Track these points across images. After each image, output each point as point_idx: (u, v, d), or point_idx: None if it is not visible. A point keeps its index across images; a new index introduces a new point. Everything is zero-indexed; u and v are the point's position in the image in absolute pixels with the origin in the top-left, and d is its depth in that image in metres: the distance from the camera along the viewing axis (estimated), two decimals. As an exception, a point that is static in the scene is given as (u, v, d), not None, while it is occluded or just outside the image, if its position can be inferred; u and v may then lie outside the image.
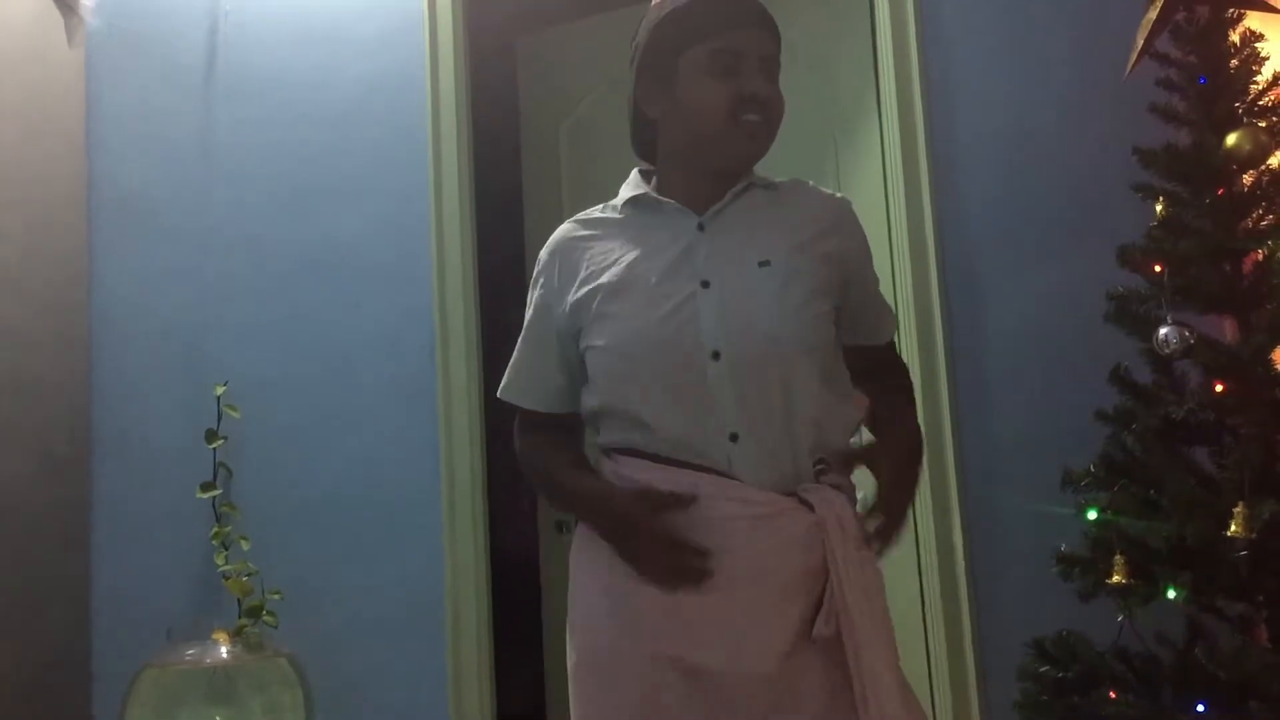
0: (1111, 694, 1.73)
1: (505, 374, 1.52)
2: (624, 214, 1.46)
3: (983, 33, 2.35)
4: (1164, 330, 1.76)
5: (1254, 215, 1.81)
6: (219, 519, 2.52)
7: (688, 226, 1.41)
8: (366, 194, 2.63)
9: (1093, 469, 1.85)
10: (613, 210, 1.48)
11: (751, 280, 1.36)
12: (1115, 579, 1.71)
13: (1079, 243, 2.21)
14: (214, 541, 2.49)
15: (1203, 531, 1.64)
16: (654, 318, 1.34)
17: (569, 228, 1.49)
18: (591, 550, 1.40)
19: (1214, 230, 1.81)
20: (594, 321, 1.38)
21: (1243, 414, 1.73)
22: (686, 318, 1.33)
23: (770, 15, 1.41)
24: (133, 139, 2.76)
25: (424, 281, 2.55)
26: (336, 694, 2.44)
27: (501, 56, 3.07)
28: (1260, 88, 1.85)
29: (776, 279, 1.36)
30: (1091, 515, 1.81)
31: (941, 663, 2.20)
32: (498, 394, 1.53)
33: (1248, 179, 1.82)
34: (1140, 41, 1.93)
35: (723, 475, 1.31)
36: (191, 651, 2.32)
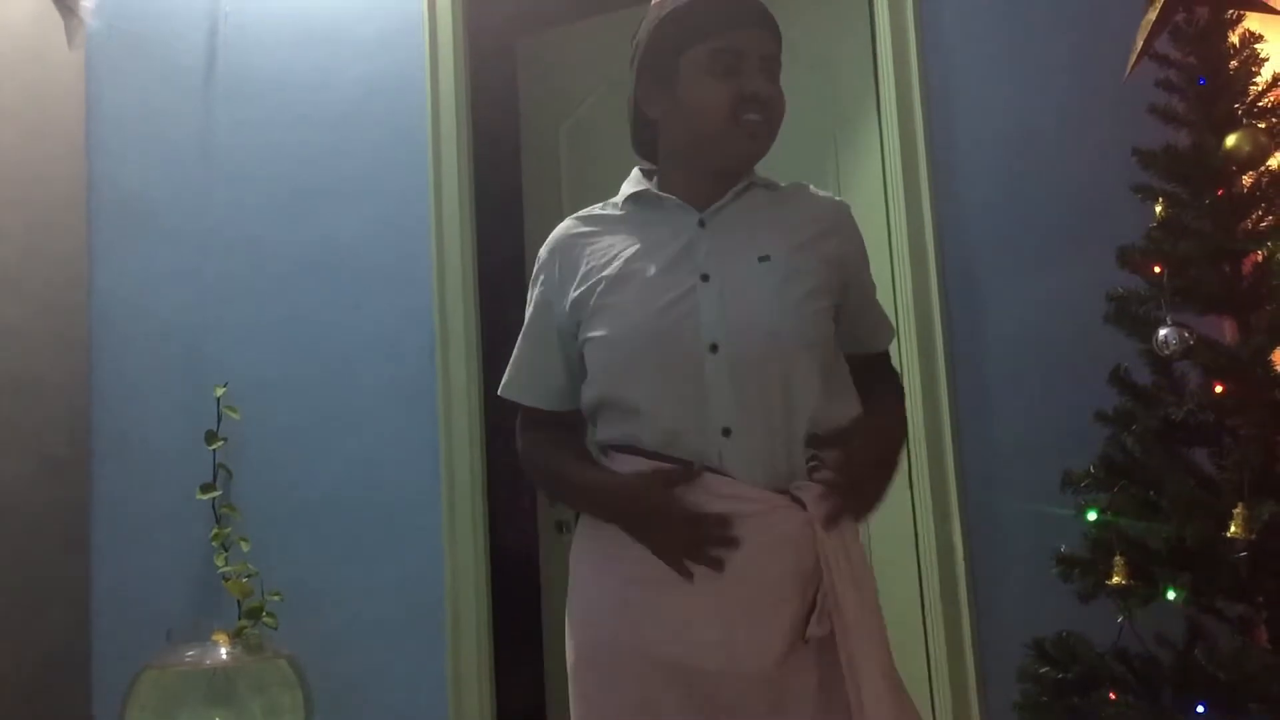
0: (1111, 695, 1.73)
1: (506, 372, 1.51)
2: (624, 210, 1.46)
3: (982, 35, 2.35)
4: (1163, 331, 1.76)
5: (1253, 216, 1.81)
6: (219, 520, 2.52)
7: (688, 223, 1.41)
8: (366, 195, 2.63)
9: (1092, 470, 1.84)
10: (613, 207, 1.48)
11: (752, 275, 1.36)
12: (1115, 580, 1.71)
13: (1078, 244, 2.21)
14: (214, 543, 2.49)
15: (1202, 532, 1.64)
16: (653, 309, 1.33)
17: (569, 225, 1.48)
18: (592, 550, 1.40)
19: (1213, 231, 1.81)
20: (594, 313, 1.37)
21: (1242, 415, 1.73)
22: (686, 310, 1.33)
23: (771, 15, 1.41)
24: (133, 140, 2.76)
25: (424, 283, 2.55)
26: (336, 695, 2.44)
27: (501, 58, 3.07)
28: (1260, 89, 1.85)
29: (777, 274, 1.36)
30: (1091, 516, 1.81)
31: (941, 664, 2.20)
32: (498, 392, 1.52)
33: (1247, 180, 1.82)
34: (1140, 42, 1.93)
35: (714, 471, 1.31)
36: (191, 653, 2.31)
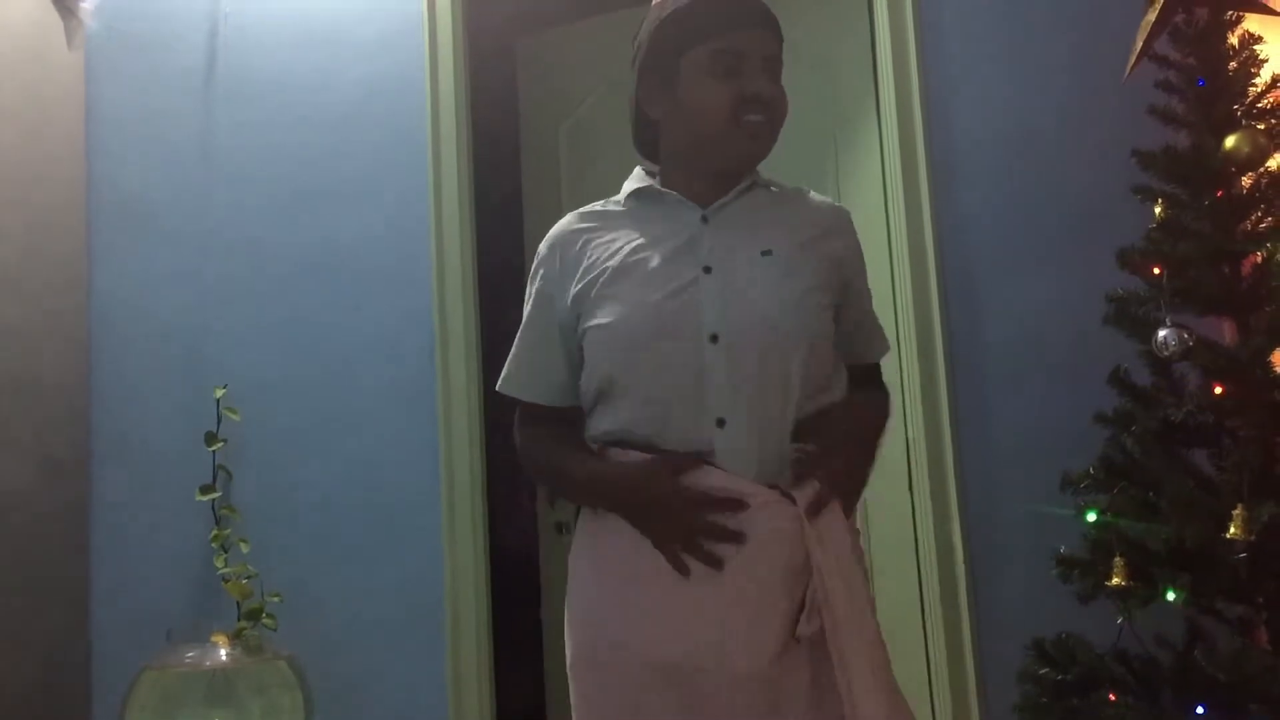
0: (1111, 696, 1.74)
1: (505, 367, 1.49)
2: (627, 206, 1.46)
3: (981, 36, 2.35)
4: (1163, 332, 1.76)
5: (1253, 217, 1.82)
6: (218, 521, 2.51)
7: (691, 219, 1.41)
8: (366, 196, 2.63)
9: (1092, 471, 1.85)
10: (615, 204, 1.47)
11: (754, 268, 1.36)
12: (1115, 581, 1.71)
13: (1078, 245, 2.21)
14: (213, 544, 2.49)
15: (1202, 533, 1.64)
16: (655, 299, 1.33)
17: (570, 220, 1.48)
18: (591, 549, 1.40)
19: (1213, 232, 1.81)
20: (595, 303, 1.37)
21: (1242, 416, 1.73)
22: (687, 300, 1.33)
23: (772, 15, 1.41)
24: (132, 141, 2.76)
25: (424, 283, 2.55)
26: (336, 696, 2.43)
27: (501, 58, 3.07)
28: (1259, 90, 1.86)
29: (780, 269, 1.36)
30: (1091, 517, 1.81)
31: (941, 665, 2.20)
32: (497, 387, 1.50)
33: (1246, 181, 1.82)
34: (1139, 43, 1.93)
35: (708, 464, 1.31)
36: (191, 654, 2.31)
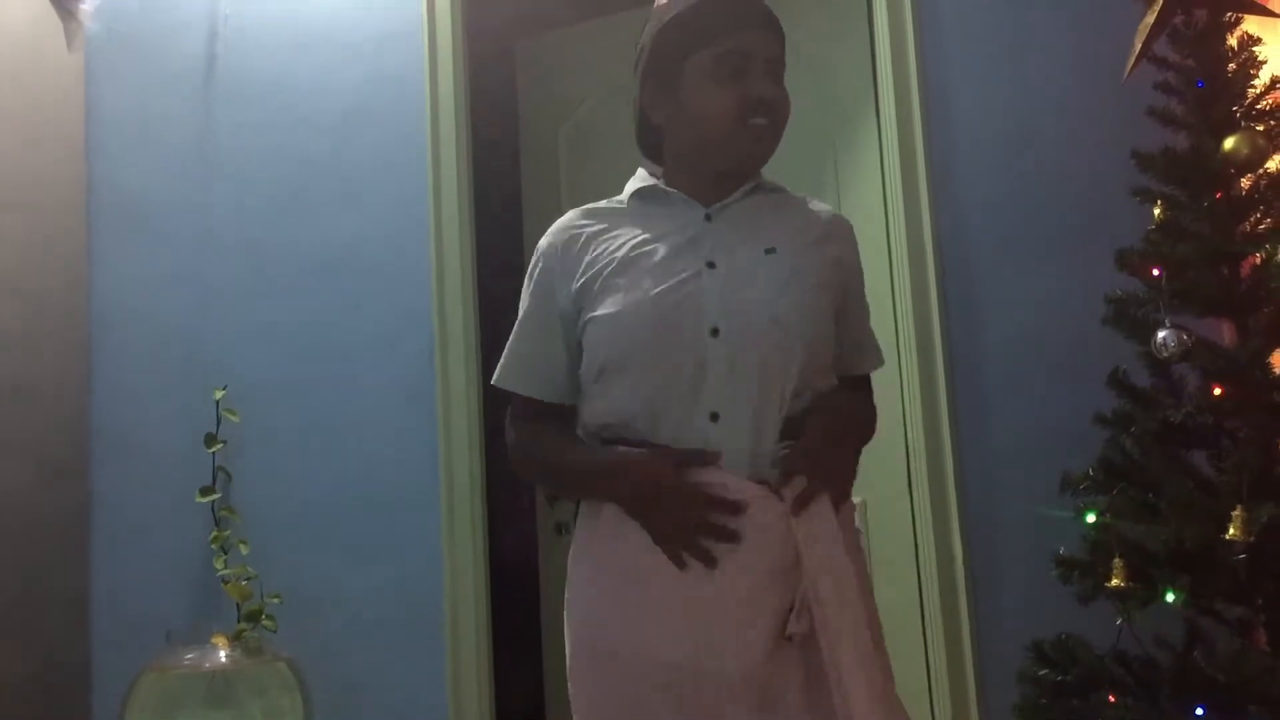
0: (1110, 697, 1.73)
1: (501, 361, 1.47)
2: (630, 206, 1.46)
3: (980, 37, 2.35)
4: (1162, 334, 1.76)
5: (1252, 219, 1.81)
6: (218, 523, 2.51)
7: (695, 217, 1.41)
8: (365, 198, 2.63)
9: (1091, 472, 1.85)
10: (618, 203, 1.47)
11: (758, 265, 1.36)
12: (1114, 582, 1.71)
13: (1077, 246, 2.21)
14: (213, 546, 2.49)
15: (1201, 535, 1.64)
16: (657, 291, 1.33)
17: (573, 216, 1.47)
18: (590, 550, 1.40)
19: (1212, 234, 1.81)
20: (598, 295, 1.37)
21: (1241, 417, 1.73)
22: (689, 293, 1.33)
23: (774, 16, 1.41)
24: (132, 143, 2.76)
25: (423, 285, 2.55)
26: (336, 698, 2.43)
27: (500, 60, 3.07)
28: (1258, 91, 1.85)
29: (783, 266, 1.36)
30: (1090, 518, 1.81)
31: (941, 666, 2.20)
32: (493, 381, 1.48)
33: (1246, 182, 1.82)
34: (1138, 45, 1.93)
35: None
36: (190, 656, 2.31)
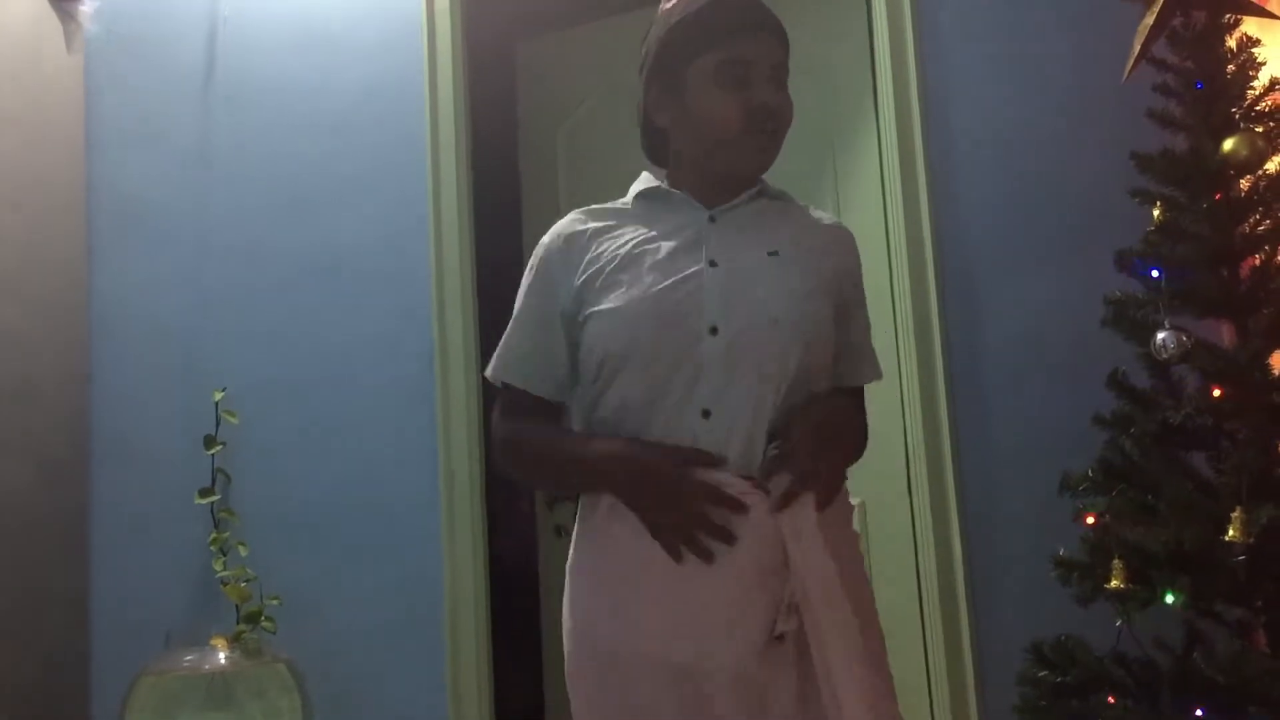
0: (1110, 699, 1.73)
1: (496, 354, 1.45)
2: (634, 206, 1.46)
3: (979, 39, 2.35)
4: (1161, 335, 1.76)
5: (1251, 220, 1.81)
6: (217, 525, 2.51)
7: (698, 218, 1.41)
8: (365, 199, 2.63)
9: (1091, 474, 1.84)
10: (622, 204, 1.47)
11: (760, 265, 1.36)
12: (1113, 584, 1.70)
13: (1077, 247, 2.21)
14: (212, 547, 2.49)
15: (1200, 536, 1.64)
16: (659, 288, 1.33)
17: (575, 216, 1.47)
18: (589, 551, 1.39)
19: (1211, 235, 1.81)
20: (600, 291, 1.36)
21: (1240, 418, 1.73)
22: (690, 291, 1.33)
23: (778, 21, 1.41)
24: (132, 144, 2.77)
25: (423, 286, 2.55)
26: (335, 699, 2.43)
27: (500, 61, 3.07)
28: (1257, 93, 1.85)
29: (785, 268, 1.36)
30: (1090, 520, 1.81)
31: (940, 667, 2.20)
32: (487, 373, 1.46)
33: (1245, 184, 1.82)
34: (1137, 47, 1.93)
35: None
36: (190, 657, 2.32)
